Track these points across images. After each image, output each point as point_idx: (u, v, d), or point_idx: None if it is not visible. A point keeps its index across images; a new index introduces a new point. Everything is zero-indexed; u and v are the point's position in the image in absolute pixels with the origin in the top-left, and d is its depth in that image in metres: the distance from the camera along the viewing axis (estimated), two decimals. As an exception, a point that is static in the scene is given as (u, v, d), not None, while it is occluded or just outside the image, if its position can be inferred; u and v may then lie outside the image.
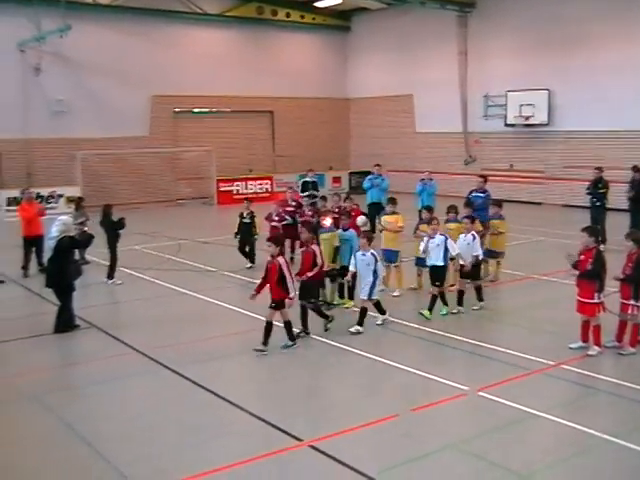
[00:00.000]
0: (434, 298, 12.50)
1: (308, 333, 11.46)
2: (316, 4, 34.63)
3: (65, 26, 24.53)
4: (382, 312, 12.17)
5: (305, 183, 21.38)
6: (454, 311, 12.67)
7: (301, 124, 35.63)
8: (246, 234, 16.90)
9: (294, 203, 17.62)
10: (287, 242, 16.97)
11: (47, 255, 13.00)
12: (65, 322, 11.82)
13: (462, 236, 12.99)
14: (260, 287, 10.88)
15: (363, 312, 11.81)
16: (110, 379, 9.59)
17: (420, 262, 14.15)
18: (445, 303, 12.69)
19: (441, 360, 10.50)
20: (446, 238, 12.57)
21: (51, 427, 8.19)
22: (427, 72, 32.99)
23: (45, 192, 27.77)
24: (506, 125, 29.96)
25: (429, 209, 14.61)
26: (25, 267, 16.50)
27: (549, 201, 29.21)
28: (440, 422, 8.25)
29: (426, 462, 7.20)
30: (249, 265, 16.83)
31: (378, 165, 21.37)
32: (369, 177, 21.02)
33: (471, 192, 17.05)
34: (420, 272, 14.35)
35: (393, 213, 14.67)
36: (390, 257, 14.24)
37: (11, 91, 27.69)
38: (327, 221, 13.45)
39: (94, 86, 29.54)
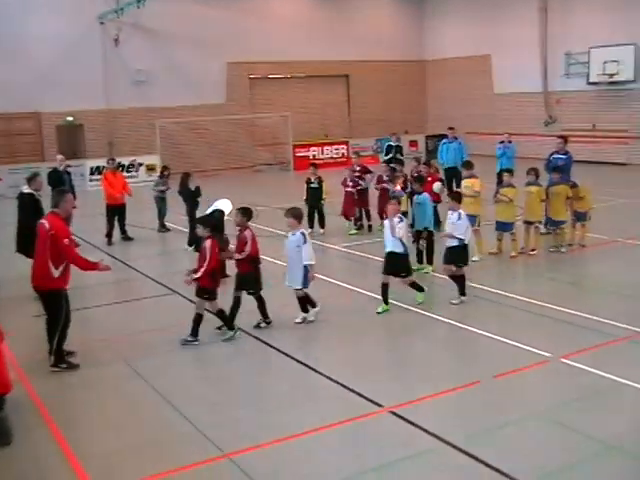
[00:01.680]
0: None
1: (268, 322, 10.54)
2: (391, -36, 34.00)
3: (142, -4, 24.85)
4: (310, 305, 10.62)
5: (389, 147, 21.15)
6: (454, 301, 11.16)
7: (377, 88, 35.24)
8: (315, 200, 16.92)
9: (358, 168, 17.51)
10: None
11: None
12: None
13: (449, 213, 11.47)
14: None
15: (302, 298, 10.53)
16: (195, 344, 9.78)
17: (501, 227, 13.94)
18: (418, 289, 11.19)
19: (524, 327, 10.26)
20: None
21: (140, 389, 8.43)
22: (505, 31, 32.10)
23: (126, 161, 28.41)
24: (588, 83, 28.97)
25: (509, 172, 14.36)
26: (109, 235, 16.89)
27: (633, 161, 28.20)
28: (523, 389, 8.15)
29: (509, 430, 7.11)
30: (321, 231, 16.88)
31: (451, 128, 20.96)
32: (444, 141, 20.69)
33: (552, 154, 16.60)
34: (501, 236, 14.11)
35: (471, 177, 14.42)
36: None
37: (93, 63, 28.39)
38: (397, 187, 13.34)
39: (172, 55, 29.92)
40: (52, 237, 8.63)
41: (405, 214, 12.80)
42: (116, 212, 17.05)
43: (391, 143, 21.24)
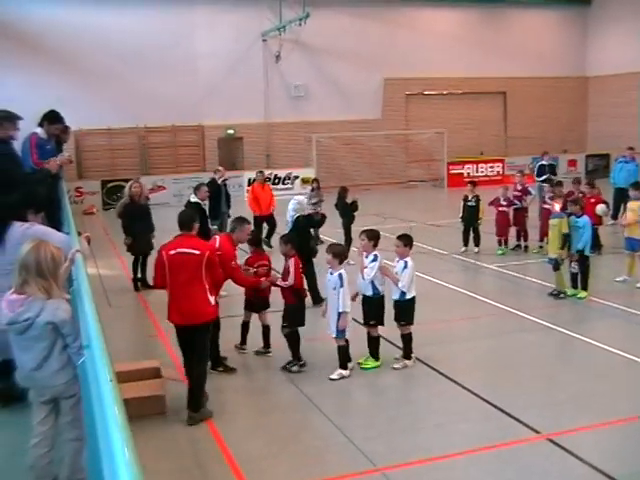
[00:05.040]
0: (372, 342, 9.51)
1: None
2: (554, -22, 33.10)
3: (304, 14, 25.50)
4: (344, 364, 9.14)
5: (541, 166, 20.47)
6: (396, 366, 9.41)
7: (535, 105, 34.30)
8: (471, 218, 16.67)
9: (520, 187, 17.07)
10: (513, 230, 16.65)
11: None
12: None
13: (395, 260, 9.58)
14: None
15: (340, 351, 9.12)
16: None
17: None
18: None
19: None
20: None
21: (294, 397, 8.59)
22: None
23: (282, 174, 29.24)
24: None
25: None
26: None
27: None
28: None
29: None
30: (476, 250, 16.61)
31: (631, 148, 19.98)
32: (619, 160, 19.86)
33: None
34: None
35: (638, 199, 13.72)
36: (633, 245, 13.32)
37: (254, 79, 29.52)
38: (556, 206, 12.88)
39: (329, 70, 30.53)
40: (219, 257, 8.16)
41: (567, 236, 12.34)
42: (264, 221, 17.63)
43: (543, 162, 20.47)
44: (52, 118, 9.57)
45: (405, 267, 9.27)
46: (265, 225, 17.87)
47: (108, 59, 27.05)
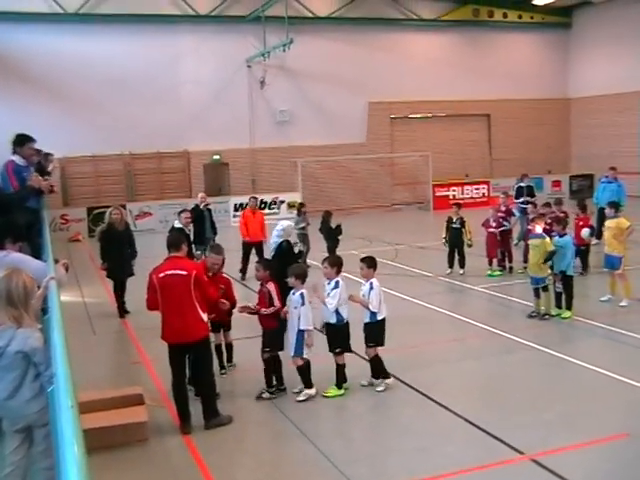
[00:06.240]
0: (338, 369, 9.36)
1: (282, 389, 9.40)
2: (534, 2, 33.43)
3: (288, 40, 25.68)
4: (308, 384, 9.16)
5: (519, 189, 20.35)
6: (378, 389, 9.38)
7: (519, 127, 34.58)
8: (455, 240, 16.70)
9: (504, 208, 17.13)
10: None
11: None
12: None
13: (362, 282, 9.52)
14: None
15: (300, 371, 9.11)
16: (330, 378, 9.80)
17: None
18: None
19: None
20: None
21: (281, 424, 8.51)
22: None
23: (268, 198, 29.27)
24: None
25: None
26: (243, 270, 16.73)
27: None
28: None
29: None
30: (461, 271, 16.62)
31: (613, 168, 20.11)
32: (602, 180, 20.03)
33: None
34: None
35: (613, 217, 13.78)
36: (613, 263, 13.28)
37: (239, 104, 29.62)
38: (537, 228, 12.90)
39: (314, 95, 30.69)
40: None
41: (553, 253, 12.33)
42: (253, 249, 16.99)
43: (522, 184, 20.33)
44: (20, 141, 9.39)
45: (371, 288, 9.22)
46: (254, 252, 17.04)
47: (93, 86, 27.07)
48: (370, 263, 9.44)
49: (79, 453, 2.88)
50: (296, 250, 13.48)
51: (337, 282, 9.14)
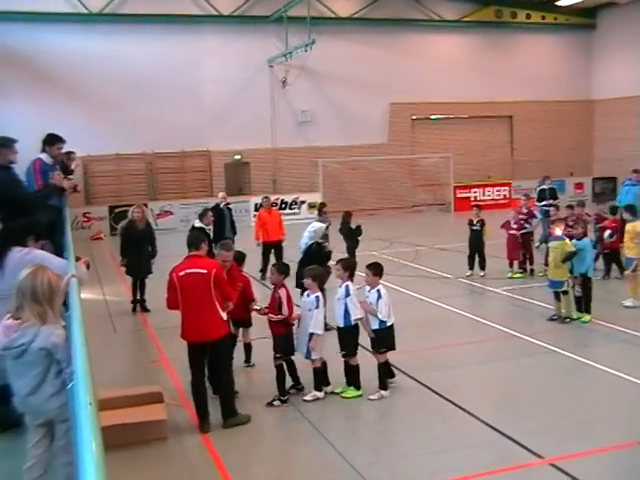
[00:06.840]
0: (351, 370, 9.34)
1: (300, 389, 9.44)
2: (558, 3, 33.21)
3: (310, 40, 25.71)
4: (318, 386, 9.19)
5: (542, 191, 20.15)
6: (372, 397, 9.15)
7: (541, 129, 34.39)
8: (476, 242, 16.63)
9: (525, 210, 17.02)
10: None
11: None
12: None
13: (367, 289, 9.41)
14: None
15: (315, 373, 9.16)
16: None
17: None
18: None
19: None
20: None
21: (299, 425, 8.50)
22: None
23: (289, 198, 29.32)
24: None
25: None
26: (263, 270, 16.55)
27: None
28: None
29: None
30: (482, 273, 16.55)
31: (636, 171, 19.90)
32: (626, 182, 19.79)
33: None
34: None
35: (632, 221, 13.65)
36: (629, 265, 13.29)
37: (261, 105, 29.71)
38: (557, 230, 12.81)
39: (335, 96, 30.70)
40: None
41: (574, 254, 12.22)
42: (272, 249, 16.86)
43: (544, 187, 20.06)
44: (50, 140, 9.59)
45: (379, 297, 9.13)
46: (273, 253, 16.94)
47: (116, 85, 27.26)
48: (376, 270, 9.35)
49: (97, 450, 2.90)
50: (326, 250, 13.37)
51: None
